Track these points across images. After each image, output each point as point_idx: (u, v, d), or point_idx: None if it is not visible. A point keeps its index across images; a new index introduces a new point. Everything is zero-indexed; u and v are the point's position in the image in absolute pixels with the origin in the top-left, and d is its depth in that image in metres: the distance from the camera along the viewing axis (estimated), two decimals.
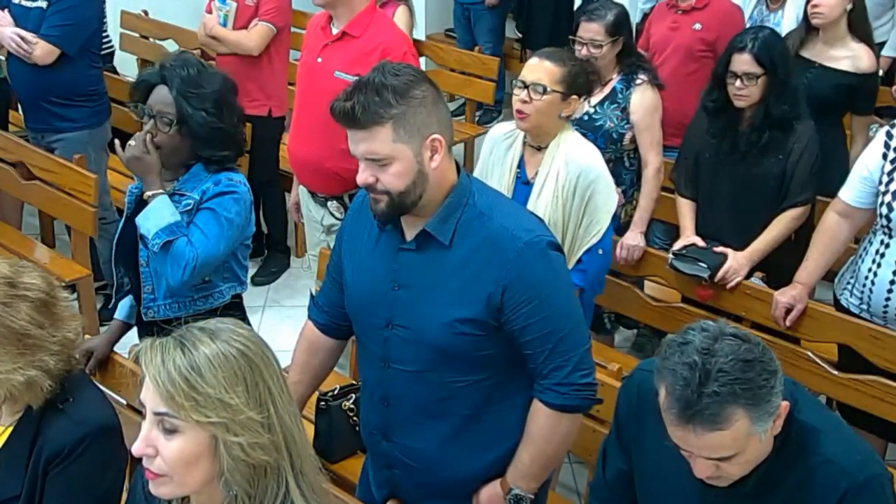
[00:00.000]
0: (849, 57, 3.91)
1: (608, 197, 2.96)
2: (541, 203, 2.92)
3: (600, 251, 2.96)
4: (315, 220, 3.88)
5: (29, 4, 4.26)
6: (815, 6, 3.84)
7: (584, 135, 3.55)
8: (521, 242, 2.06)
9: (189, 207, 2.69)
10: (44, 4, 4.22)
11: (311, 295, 2.50)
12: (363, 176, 2.04)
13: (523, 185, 3.01)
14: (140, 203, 2.81)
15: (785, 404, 1.77)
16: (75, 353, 2.11)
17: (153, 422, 1.58)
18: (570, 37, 3.62)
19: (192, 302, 2.77)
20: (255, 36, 4.63)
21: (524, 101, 2.93)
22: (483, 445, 2.23)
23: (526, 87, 2.94)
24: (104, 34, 5.18)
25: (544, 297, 2.08)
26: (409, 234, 2.14)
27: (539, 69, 2.95)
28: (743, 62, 3.33)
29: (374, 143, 2.00)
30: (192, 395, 1.53)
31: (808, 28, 3.96)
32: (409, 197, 2.04)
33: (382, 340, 2.19)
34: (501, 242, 2.06)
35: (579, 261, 2.96)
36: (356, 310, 2.27)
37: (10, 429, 2.07)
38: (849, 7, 3.87)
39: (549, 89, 2.92)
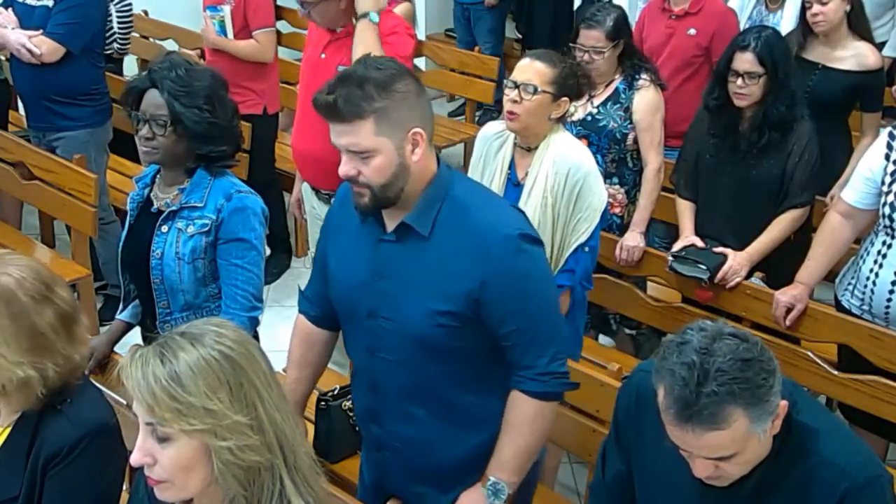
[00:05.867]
0: (853, 56, 3.91)
1: (597, 195, 2.96)
2: (530, 205, 2.92)
3: (586, 249, 2.96)
4: (318, 216, 3.87)
5: (34, 3, 4.27)
6: (815, 15, 3.85)
7: (588, 135, 3.57)
8: (501, 236, 2.09)
9: (206, 228, 2.69)
10: (50, 3, 4.23)
11: (299, 289, 2.52)
12: (345, 168, 2.07)
13: (514, 186, 3.01)
14: (143, 210, 2.81)
15: (784, 404, 1.77)
16: (75, 376, 2.09)
17: (146, 431, 1.59)
18: (571, 44, 3.61)
19: (209, 312, 2.77)
20: (265, 44, 4.67)
21: (514, 101, 2.93)
22: (468, 430, 2.26)
23: (517, 87, 2.94)
24: (110, 31, 5.20)
25: (522, 291, 2.11)
26: (390, 226, 2.16)
27: (530, 70, 2.95)
28: (745, 61, 3.33)
29: (357, 136, 2.02)
30: (174, 406, 1.54)
31: (806, 31, 3.96)
32: (391, 190, 2.07)
33: (366, 330, 2.22)
34: (481, 236, 2.08)
35: (565, 261, 2.96)
36: (339, 300, 2.31)
37: (9, 429, 2.07)
38: (847, 8, 3.88)
39: (539, 90, 2.92)
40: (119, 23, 5.47)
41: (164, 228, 2.72)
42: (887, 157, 2.99)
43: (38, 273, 2.04)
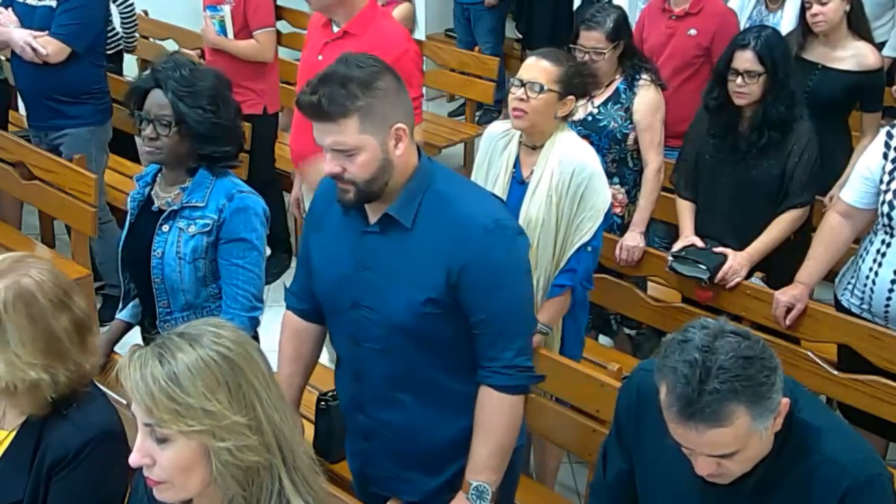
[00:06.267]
0: (853, 56, 3.92)
1: (601, 195, 2.96)
2: (535, 203, 2.93)
3: (589, 249, 2.97)
4: None
5: (34, 3, 4.27)
6: (815, 15, 3.86)
7: (588, 136, 3.57)
8: (482, 226, 2.13)
9: (208, 228, 2.69)
10: (53, 3, 4.24)
11: (285, 286, 2.53)
12: (330, 166, 2.11)
13: (519, 184, 3.02)
14: (143, 209, 2.81)
15: (785, 401, 1.77)
16: (84, 384, 2.09)
17: (145, 432, 1.60)
18: (571, 45, 3.61)
19: (209, 312, 2.77)
20: (265, 44, 4.69)
21: (521, 100, 2.94)
22: (454, 414, 2.28)
23: (523, 85, 2.94)
24: (112, 31, 5.21)
25: (496, 281, 2.14)
26: (373, 218, 2.20)
27: (536, 68, 2.96)
28: (745, 59, 3.33)
29: (342, 135, 2.06)
30: (172, 407, 1.54)
31: (806, 31, 3.96)
32: (376, 185, 2.11)
33: (350, 321, 2.25)
34: (463, 225, 2.13)
35: (567, 260, 2.97)
36: (323, 293, 2.34)
37: (13, 433, 2.07)
38: (847, 8, 3.88)
39: (545, 88, 2.92)
40: (123, 22, 5.49)
41: (165, 228, 2.72)
42: (885, 156, 3.00)
43: (58, 278, 2.05)
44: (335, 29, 3.56)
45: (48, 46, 4.20)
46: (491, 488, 2.25)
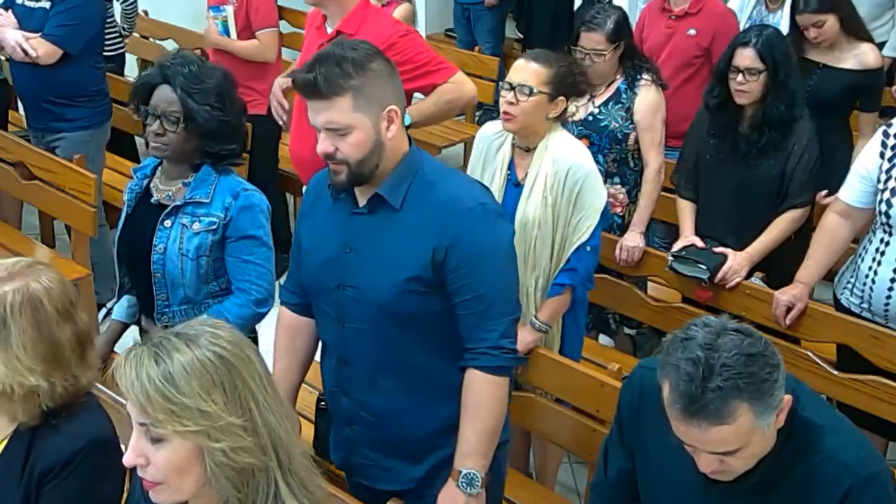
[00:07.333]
0: (854, 55, 3.93)
1: (596, 194, 2.96)
2: (531, 205, 2.93)
3: (588, 248, 2.97)
4: None
5: (32, 4, 4.27)
6: (815, 38, 3.89)
7: (589, 136, 3.57)
8: (468, 207, 2.18)
9: (214, 227, 2.70)
10: (47, 4, 4.22)
11: (279, 283, 2.55)
12: (323, 145, 2.15)
13: (514, 186, 3.02)
14: (141, 201, 2.81)
15: (788, 398, 1.78)
16: (79, 397, 2.07)
17: (139, 432, 1.59)
18: (571, 46, 3.61)
19: (207, 307, 2.77)
20: (267, 44, 4.69)
21: (511, 103, 2.93)
22: (438, 400, 2.31)
23: (512, 88, 2.94)
24: (113, 34, 5.19)
25: (482, 262, 2.19)
26: (362, 201, 2.25)
27: (525, 70, 2.95)
28: (746, 57, 3.34)
29: (335, 113, 2.11)
30: (168, 406, 1.54)
31: (800, 39, 3.97)
32: (367, 166, 2.16)
33: (334, 302, 2.29)
34: (450, 206, 2.18)
35: (567, 260, 2.97)
36: (310, 278, 2.37)
37: (4, 442, 2.06)
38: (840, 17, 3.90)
39: (535, 90, 2.91)
40: (125, 17, 5.47)
41: (168, 223, 2.72)
42: (882, 155, 3.01)
43: (66, 288, 2.06)
44: (329, 30, 3.56)
45: (39, 48, 4.18)
46: (480, 474, 2.26)
